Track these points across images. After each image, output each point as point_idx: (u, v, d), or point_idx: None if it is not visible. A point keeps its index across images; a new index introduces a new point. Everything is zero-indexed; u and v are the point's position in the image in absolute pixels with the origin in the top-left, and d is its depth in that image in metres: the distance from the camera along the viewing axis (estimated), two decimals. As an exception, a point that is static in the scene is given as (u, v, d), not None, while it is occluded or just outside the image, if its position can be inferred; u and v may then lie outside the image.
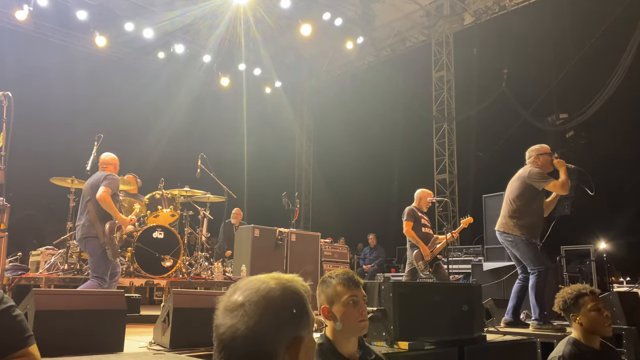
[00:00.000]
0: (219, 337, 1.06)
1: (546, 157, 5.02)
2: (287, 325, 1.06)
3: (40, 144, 9.96)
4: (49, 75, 10.92)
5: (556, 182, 4.83)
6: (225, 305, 1.08)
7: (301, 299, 1.10)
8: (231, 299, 1.07)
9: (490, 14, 12.31)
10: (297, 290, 1.10)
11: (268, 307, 1.04)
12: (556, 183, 4.83)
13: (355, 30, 12.63)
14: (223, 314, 1.07)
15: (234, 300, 1.07)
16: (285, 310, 1.06)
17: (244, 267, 6.72)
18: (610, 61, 9.20)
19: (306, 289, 1.12)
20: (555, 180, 4.85)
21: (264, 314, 1.03)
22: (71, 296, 3.15)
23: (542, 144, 5.16)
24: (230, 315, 1.05)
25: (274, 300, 1.06)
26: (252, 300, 1.05)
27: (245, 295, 1.06)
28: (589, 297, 2.93)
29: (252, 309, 1.04)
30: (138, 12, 11.52)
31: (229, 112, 14.30)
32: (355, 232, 13.33)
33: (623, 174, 9.82)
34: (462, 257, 9.57)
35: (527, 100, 10.78)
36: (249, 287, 1.08)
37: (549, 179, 4.87)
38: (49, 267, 5.60)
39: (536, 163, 5.03)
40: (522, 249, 4.89)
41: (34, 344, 1.72)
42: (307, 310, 1.10)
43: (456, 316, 3.41)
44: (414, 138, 13.53)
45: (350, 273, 2.20)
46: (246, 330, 1.02)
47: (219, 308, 1.09)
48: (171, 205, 6.38)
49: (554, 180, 4.85)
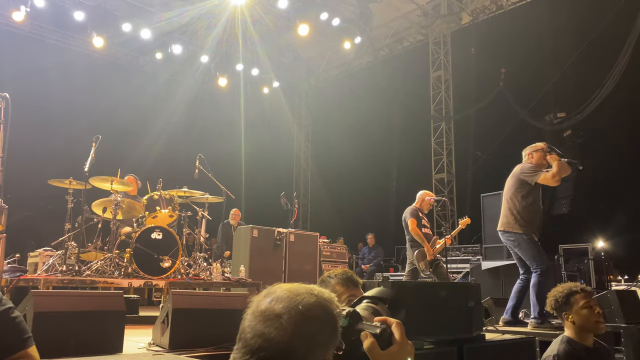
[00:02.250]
0: (246, 340, 1.03)
1: (539, 152, 5.08)
2: (319, 346, 1.04)
3: (38, 146, 9.95)
4: (46, 76, 10.91)
5: (546, 174, 4.88)
6: (260, 311, 1.04)
7: (336, 322, 1.08)
8: (268, 306, 1.04)
9: (487, 13, 12.33)
10: (332, 312, 1.08)
11: (306, 325, 1.02)
12: (546, 175, 4.87)
13: (353, 30, 12.65)
14: (255, 318, 1.04)
15: (271, 308, 1.03)
16: (321, 332, 1.04)
17: (243, 268, 6.72)
18: (607, 60, 9.22)
19: (339, 312, 1.10)
20: (546, 172, 4.89)
21: (300, 331, 1.01)
22: (70, 297, 3.14)
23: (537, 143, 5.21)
24: (264, 322, 1.02)
25: (312, 320, 1.03)
26: (290, 314, 1.02)
27: (283, 307, 1.03)
28: (580, 295, 2.91)
29: (288, 324, 1.00)
30: (135, 12, 11.51)
31: (227, 112, 14.30)
32: (354, 231, 13.34)
33: (620, 173, 9.85)
34: (460, 256, 9.58)
35: (525, 100, 10.81)
36: (288, 298, 1.04)
37: (539, 172, 4.92)
38: (47, 269, 5.57)
39: (530, 159, 5.11)
40: (524, 248, 4.90)
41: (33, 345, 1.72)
42: (338, 334, 1.09)
43: (455, 315, 3.41)
44: (412, 138, 13.54)
45: (349, 273, 2.20)
46: (278, 343, 1.00)
47: (251, 309, 1.06)
48: (169, 206, 6.36)
49: (544, 173, 4.89)
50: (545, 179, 4.87)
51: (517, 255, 5.05)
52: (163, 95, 12.99)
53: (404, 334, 1.18)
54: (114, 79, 12.51)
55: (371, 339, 1.15)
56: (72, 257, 5.65)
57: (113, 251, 5.74)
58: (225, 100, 14.27)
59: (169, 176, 7.15)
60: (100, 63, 12.55)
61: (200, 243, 6.87)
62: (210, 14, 11.54)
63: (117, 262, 5.64)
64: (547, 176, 4.86)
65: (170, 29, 12.14)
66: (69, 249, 5.65)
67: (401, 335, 1.17)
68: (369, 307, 1.29)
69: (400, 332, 1.17)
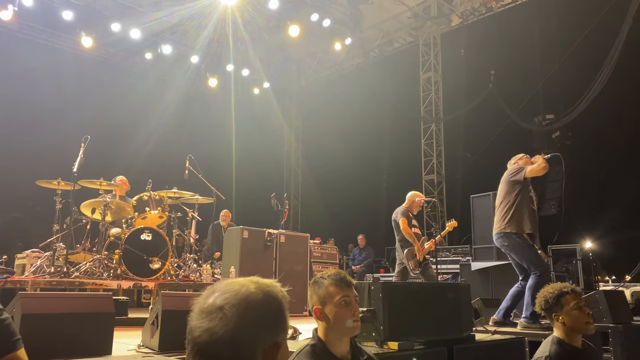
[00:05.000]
0: (193, 340, 1.03)
1: (525, 158, 5.21)
2: (266, 330, 1.04)
3: (26, 146, 9.84)
4: (34, 76, 10.81)
5: (532, 166, 4.97)
6: (202, 308, 1.04)
7: (280, 305, 1.09)
8: (209, 302, 1.04)
9: (477, 15, 12.40)
10: (276, 296, 1.09)
11: (248, 311, 1.03)
12: (533, 167, 4.95)
13: (344, 31, 12.68)
14: (199, 316, 1.04)
15: (212, 303, 1.04)
16: (265, 316, 1.05)
17: (233, 269, 6.70)
18: (595, 61, 9.31)
19: (284, 295, 1.11)
20: (532, 165, 4.97)
21: (244, 318, 1.02)
22: (58, 299, 3.11)
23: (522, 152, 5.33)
24: (207, 318, 1.02)
25: (254, 304, 1.04)
26: (231, 303, 1.02)
27: (224, 299, 1.03)
28: (570, 296, 2.90)
29: (231, 313, 1.01)
30: (125, 12, 11.44)
31: (217, 113, 14.26)
32: (345, 232, 13.35)
33: (608, 174, 9.95)
34: (450, 257, 9.61)
35: (514, 101, 10.88)
36: (227, 290, 1.05)
37: (524, 168, 5.00)
38: (35, 270, 5.52)
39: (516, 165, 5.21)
40: (519, 251, 4.91)
41: (22, 347, 1.71)
42: (285, 316, 1.10)
43: (445, 316, 3.42)
44: (402, 139, 13.58)
45: (342, 273, 2.20)
46: (224, 334, 1.00)
47: (194, 310, 1.06)
48: (159, 207, 6.33)
49: (530, 166, 4.96)
50: (532, 171, 4.95)
51: (515, 261, 5.05)
52: (153, 95, 12.91)
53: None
54: (104, 79, 12.42)
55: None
56: (60, 258, 5.61)
57: (102, 252, 5.71)
58: (216, 100, 14.23)
59: (159, 177, 7.11)
60: (90, 63, 12.45)
61: (190, 244, 6.84)
62: (201, 14, 11.51)
63: (106, 263, 5.61)
64: (533, 167, 4.95)
65: (160, 28, 12.09)
66: (57, 250, 5.60)
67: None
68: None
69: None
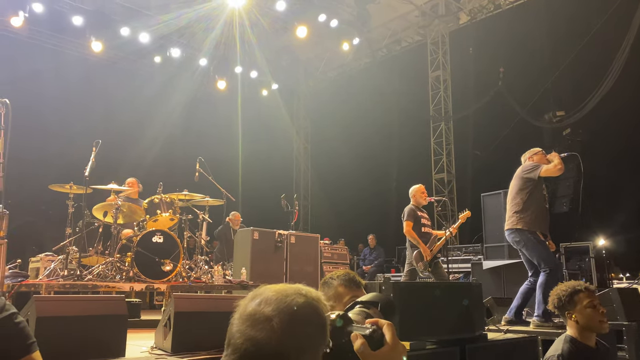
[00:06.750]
0: (235, 345, 1.01)
1: (539, 155, 5.16)
2: (310, 348, 1.03)
3: (38, 150, 9.94)
4: (44, 81, 10.91)
5: (548, 165, 4.91)
6: (248, 314, 1.02)
7: (326, 322, 1.08)
8: (256, 309, 1.02)
9: (485, 12, 12.34)
10: (321, 312, 1.07)
11: (297, 327, 1.01)
12: (548, 166, 4.90)
13: (351, 31, 12.66)
14: (244, 322, 1.02)
15: (260, 311, 1.02)
16: (311, 334, 1.03)
17: (244, 270, 6.71)
18: (605, 58, 9.24)
19: (327, 309, 1.10)
20: (547, 165, 4.91)
21: (291, 334, 1.00)
22: (72, 302, 3.14)
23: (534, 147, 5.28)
24: (253, 326, 1.00)
25: (303, 321, 1.02)
26: (280, 316, 1.00)
27: (273, 309, 1.01)
28: (584, 294, 2.86)
29: (279, 327, 0.99)
30: (133, 16, 11.52)
31: (226, 115, 14.29)
32: (355, 233, 13.33)
33: (620, 171, 9.85)
34: (461, 256, 9.57)
35: (524, 99, 10.81)
36: (276, 300, 1.03)
37: (540, 166, 4.96)
38: (48, 274, 5.57)
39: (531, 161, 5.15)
40: (530, 248, 4.90)
41: (37, 350, 1.72)
42: (327, 333, 1.08)
43: (457, 315, 3.41)
44: (412, 138, 13.54)
45: (351, 274, 2.20)
46: (268, 347, 0.99)
47: (239, 313, 1.04)
48: (170, 210, 6.36)
49: (545, 165, 4.91)
50: (547, 171, 4.90)
51: (525, 257, 5.04)
52: (161, 98, 12.97)
53: (395, 335, 1.16)
54: (113, 82, 12.49)
55: (362, 340, 1.13)
56: (73, 261, 5.65)
57: (114, 255, 5.74)
58: (224, 102, 14.26)
59: (168, 179, 7.15)
60: (98, 67, 12.53)
61: (201, 246, 6.87)
62: (208, 17, 11.55)
63: (118, 266, 5.64)
64: (549, 167, 4.90)
65: (168, 31, 12.14)
66: (70, 254, 5.64)
67: (392, 336, 1.16)
68: (362, 312, 1.29)
69: (391, 334, 1.16)
